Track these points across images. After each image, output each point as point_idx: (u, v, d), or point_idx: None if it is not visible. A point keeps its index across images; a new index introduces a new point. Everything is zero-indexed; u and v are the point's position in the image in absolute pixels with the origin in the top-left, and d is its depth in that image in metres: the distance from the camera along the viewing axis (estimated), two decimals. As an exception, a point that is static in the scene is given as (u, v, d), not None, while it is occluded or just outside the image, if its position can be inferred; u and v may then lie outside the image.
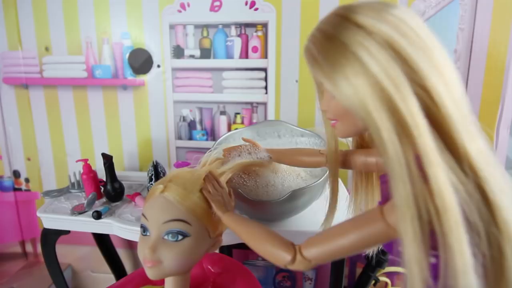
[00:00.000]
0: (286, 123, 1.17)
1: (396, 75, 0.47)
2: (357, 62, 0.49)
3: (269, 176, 1.01)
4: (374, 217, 0.56)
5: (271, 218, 1.06)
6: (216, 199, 0.73)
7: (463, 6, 1.24)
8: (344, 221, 0.60)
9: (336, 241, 0.58)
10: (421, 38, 0.50)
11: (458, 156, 0.49)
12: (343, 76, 0.50)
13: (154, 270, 0.67)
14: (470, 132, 0.50)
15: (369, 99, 0.48)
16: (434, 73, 0.48)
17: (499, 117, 1.29)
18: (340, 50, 0.50)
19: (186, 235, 0.68)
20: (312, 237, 0.63)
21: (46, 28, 1.49)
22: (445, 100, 0.48)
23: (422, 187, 0.47)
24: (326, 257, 0.61)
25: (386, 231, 0.54)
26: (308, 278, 1.57)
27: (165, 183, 0.72)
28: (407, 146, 0.47)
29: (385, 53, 0.48)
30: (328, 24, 0.53)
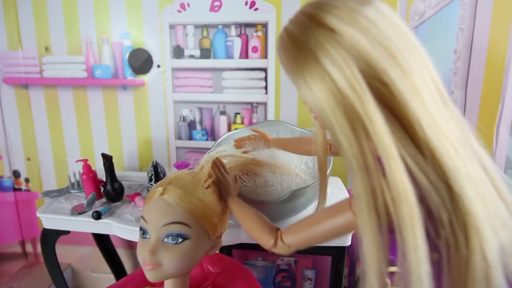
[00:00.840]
0: (286, 123, 1.17)
1: (353, 74, 0.48)
2: (315, 64, 0.50)
3: (268, 176, 1.02)
4: (343, 208, 0.59)
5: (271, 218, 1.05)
6: (221, 182, 0.81)
7: (463, 6, 1.24)
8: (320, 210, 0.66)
9: (311, 229, 0.64)
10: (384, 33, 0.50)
11: (421, 148, 0.49)
12: (302, 79, 0.51)
13: (154, 273, 0.67)
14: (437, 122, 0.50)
15: (325, 101, 0.50)
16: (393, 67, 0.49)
17: (499, 116, 1.29)
18: (301, 52, 0.51)
19: (186, 238, 0.68)
20: (292, 225, 0.68)
21: (46, 28, 1.49)
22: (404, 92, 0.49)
23: (380, 180, 0.49)
24: (302, 243, 0.66)
25: (353, 221, 0.56)
26: (308, 278, 1.57)
27: (164, 185, 0.72)
28: (362, 141, 0.49)
29: (344, 53, 0.48)
30: (293, 24, 0.54)
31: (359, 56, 0.49)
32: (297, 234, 0.66)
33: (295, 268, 1.55)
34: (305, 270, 1.55)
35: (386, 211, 0.49)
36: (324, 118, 0.51)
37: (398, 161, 0.48)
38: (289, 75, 0.54)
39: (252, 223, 0.75)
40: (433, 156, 0.49)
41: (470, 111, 1.30)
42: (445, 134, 0.50)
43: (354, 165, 0.50)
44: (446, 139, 0.50)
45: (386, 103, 0.49)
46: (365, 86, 0.48)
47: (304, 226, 0.65)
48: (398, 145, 0.49)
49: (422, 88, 0.50)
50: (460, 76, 1.29)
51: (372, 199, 0.49)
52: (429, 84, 0.52)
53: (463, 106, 1.31)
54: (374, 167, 0.49)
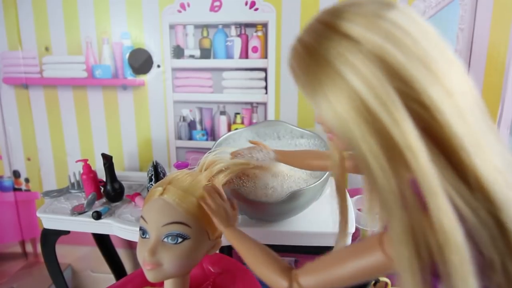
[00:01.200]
0: (286, 123, 1.16)
1: (385, 93, 0.41)
2: (338, 80, 0.43)
3: (269, 178, 1.01)
4: (372, 247, 0.51)
5: (271, 219, 1.06)
6: (217, 213, 0.71)
7: (463, 6, 1.24)
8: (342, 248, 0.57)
9: (333, 270, 0.55)
10: (420, 44, 0.43)
11: (467, 179, 0.42)
12: (323, 95, 0.44)
13: (154, 273, 0.67)
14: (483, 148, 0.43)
15: (352, 123, 0.43)
16: (434, 84, 0.42)
17: (499, 117, 1.29)
18: (320, 66, 0.44)
19: (186, 238, 0.68)
20: (309, 264, 0.60)
21: (46, 28, 1.49)
22: (448, 116, 0.42)
23: (421, 219, 0.42)
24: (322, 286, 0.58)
25: (385, 263, 0.50)
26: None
27: (164, 185, 0.72)
28: (401, 173, 0.42)
29: (373, 67, 0.42)
30: (309, 34, 0.47)
31: (391, 71, 0.42)
32: (317, 276, 0.57)
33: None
34: (305, 270, 1.55)
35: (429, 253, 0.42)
36: (353, 145, 0.44)
37: (444, 198, 0.41)
38: (306, 91, 0.47)
39: (260, 261, 0.65)
40: (481, 188, 0.42)
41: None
42: (493, 162, 0.44)
43: (391, 202, 0.42)
44: (494, 168, 0.43)
45: (425, 128, 0.42)
46: (402, 108, 0.41)
47: (324, 266, 0.56)
48: (442, 178, 0.42)
49: (465, 108, 0.43)
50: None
51: (413, 242, 0.42)
52: (470, 102, 0.45)
53: (463, 106, 1.31)
54: (414, 204, 0.42)
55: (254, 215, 1.06)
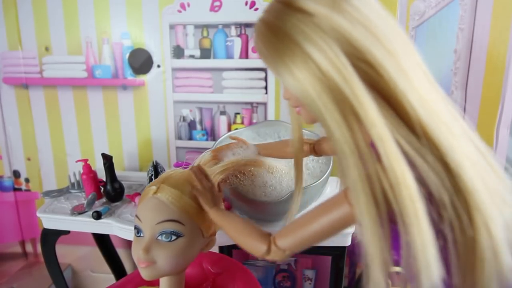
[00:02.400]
0: (286, 123, 1.17)
1: (335, 55, 0.47)
2: (297, 49, 0.48)
3: (266, 176, 1.01)
4: (338, 201, 0.56)
5: (270, 219, 1.06)
6: (203, 194, 0.73)
7: (463, 6, 1.24)
8: (313, 207, 0.60)
9: (307, 228, 0.59)
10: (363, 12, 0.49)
11: (414, 128, 0.47)
12: (284, 66, 0.49)
13: (148, 271, 0.68)
14: (426, 102, 0.49)
15: (311, 87, 0.48)
16: (377, 45, 0.47)
17: (499, 117, 1.29)
18: (280, 39, 0.49)
19: (179, 235, 0.69)
20: (284, 227, 0.64)
21: (46, 28, 1.49)
22: (391, 71, 0.47)
23: (375, 167, 0.47)
24: (299, 245, 0.61)
25: (351, 213, 0.53)
26: (308, 278, 1.57)
27: (158, 184, 0.73)
28: (354, 126, 0.47)
29: (323, 34, 0.47)
30: (269, 13, 0.52)
31: (340, 37, 0.47)
32: (292, 235, 0.61)
33: (295, 268, 1.55)
34: (305, 270, 1.55)
35: (385, 198, 0.47)
36: (311, 105, 0.49)
37: (393, 144, 0.46)
38: (270, 64, 0.52)
39: (240, 231, 0.69)
40: (427, 135, 0.47)
41: (470, 111, 1.30)
42: (437, 113, 0.49)
43: (347, 151, 0.47)
44: (438, 118, 0.49)
45: (373, 85, 0.47)
46: (351, 68, 0.47)
47: (298, 226, 0.61)
48: (391, 128, 0.47)
49: (408, 68, 0.49)
50: (460, 76, 1.29)
51: (369, 186, 0.47)
52: (414, 65, 0.50)
53: (463, 106, 1.31)
54: (368, 153, 0.47)
55: (254, 215, 1.06)
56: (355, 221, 0.53)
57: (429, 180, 0.46)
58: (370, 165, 0.47)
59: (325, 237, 0.59)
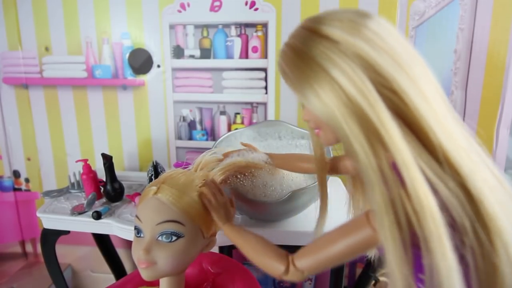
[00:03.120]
0: (286, 123, 1.16)
1: (361, 82, 0.48)
2: (323, 74, 0.50)
3: (266, 177, 1.01)
4: (360, 224, 0.56)
5: (271, 219, 1.06)
6: (216, 209, 0.73)
7: (463, 6, 1.24)
8: (333, 229, 0.60)
9: (326, 250, 0.59)
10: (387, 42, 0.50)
11: (435, 154, 0.49)
12: (310, 89, 0.51)
13: (148, 271, 0.68)
14: (447, 128, 0.50)
15: (337, 110, 0.49)
16: (401, 74, 0.49)
17: (499, 117, 1.29)
18: (307, 63, 0.51)
19: (180, 236, 0.69)
20: (303, 248, 0.63)
21: (46, 28, 1.49)
22: (414, 98, 0.49)
23: (399, 192, 0.47)
24: (318, 267, 0.61)
25: (373, 237, 0.54)
26: (308, 279, 1.57)
27: (158, 184, 0.72)
28: (379, 151, 0.48)
29: (350, 61, 0.49)
30: (295, 38, 0.54)
31: (365, 64, 0.49)
32: (312, 257, 0.60)
33: (295, 268, 1.55)
34: (305, 270, 1.55)
35: (408, 222, 0.47)
36: (338, 128, 0.50)
37: (417, 170, 0.47)
38: (295, 87, 0.53)
39: (258, 250, 0.68)
40: (449, 162, 0.48)
41: (470, 111, 1.30)
42: (456, 139, 0.50)
43: (372, 176, 0.48)
44: (458, 144, 0.50)
45: (396, 111, 0.49)
46: (376, 94, 0.48)
47: (318, 247, 0.60)
48: (414, 154, 0.48)
49: (430, 95, 0.50)
50: (460, 76, 1.29)
51: (393, 212, 0.48)
52: (434, 92, 0.52)
53: (463, 106, 1.31)
54: (392, 178, 0.48)
55: (254, 215, 1.06)
56: (376, 245, 0.54)
57: (451, 206, 0.47)
58: (394, 189, 0.48)
59: (345, 259, 0.58)
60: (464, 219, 0.47)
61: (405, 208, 0.47)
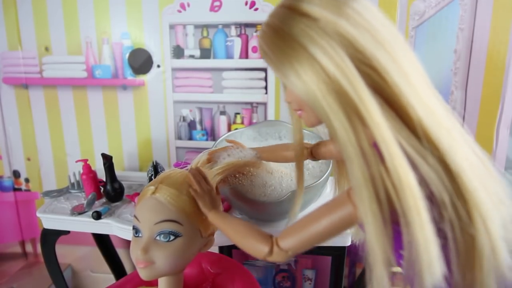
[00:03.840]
0: (286, 123, 1.16)
1: (340, 58, 0.48)
2: (302, 52, 0.49)
3: (266, 176, 1.01)
4: (341, 201, 0.56)
5: (271, 219, 1.05)
6: (202, 196, 0.73)
7: (463, 6, 1.23)
8: (315, 208, 0.60)
9: (310, 228, 0.59)
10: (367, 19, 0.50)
11: (415, 130, 0.49)
12: (290, 68, 0.50)
13: (147, 271, 0.68)
14: (427, 105, 0.50)
15: (316, 88, 0.49)
16: (381, 51, 0.49)
17: (499, 117, 1.29)
18: (286, 42, 0.51)
19: (178, 235, 0.69)
20: (286, 228, 0.64)
21: (46, 28, 1.49)
22: (394, 75, 0.49)
23: (379, 167, 0.48)
24: (301, 246, 0.62)
25: (354, 213, 0.54)
26: (308, 278, 1.57)
27: (156, 184, 0.73)
28: (358, 127, 0.48)
29: (329, 39, 0.48)
30: (274, 17, 0.54)
31: (345, 42, 0.48)
32: (295, 236, 0.61)
33: (295, 268, 1.55)
34: (305, 270, 1.55)
35: (388, 198, 0.48)
36: (316, 106, 0.50)
37: (396, 146, 0.48)
38: (275, 67, 0.53)
39: (242, 234, 0.69)
40: (428, 138, 0.49)
41: (470, 111, 1.30)
42: (437, 117, 0.51)
43: (351, 152, 0.49)
44: (438, 122, 0.50)
45: (376, 88, 0.49)
46: (356, 71, 0.48)
47: (301, 226, 0.61)
48: (393, 130, 0.48)
49: (410, 73, 0.51)
50: (460, 76, 1.29)
51: (372, 187, 0.48)
52: (414, 71, 0.52)
53: (463, 106, 1.31)
54: (372, 154, 0.48)
55: (253, 215, 1.06)
56: (358, 221, 0.54)
57: (430, 181, 0.48)
58: (374, 165, 0.48)
59: (327, 238, 0.59)
60: (443, 193, 0.48)
61: (385, 184, 0.48)
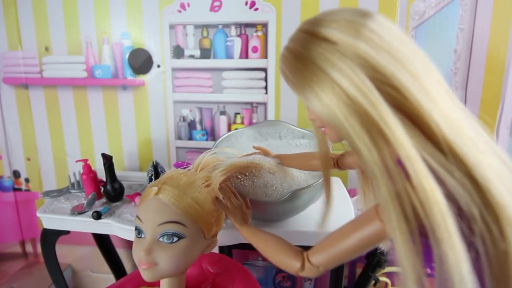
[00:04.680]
0: (286, 123, 1.16)
1: (360, 81, 0.49)
2: (322, 76, 0.50)
3: (267, 176, 1.01)
4: (370, 217, 0.57)
5: (272, 219, 1.05)
6: (233, 212, 0.76)
7: (463, 6, 1.24)
8: (345, 224, 0.61)
9: (339, 244, 0.60)
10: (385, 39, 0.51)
11: (440, 146, 0.49)
12: (311, 91, 0.52)
13: (150, 272, 0.67)
14: (450, 119, 0.50)
15: (338, 110, 0.50)
16: (401, 70, 0.50)
17: (499, 117, 1.29)
18: (306, 66, 0.52)
19: (181, 237, 0.68)
20: (317, 244, 0.65)
21: (46, 28, 1.49)
22: (415, 93, 0.49)
23: (405, 185, 0.48)
24: (332, 262, 0.63)
25: (383, 230, 0.55)
26: (308, 279, 1.57)
27: (159, 185, 0.72)
28: (382, 147, 0.49)
29: (349, 61, 0.49)
30: (294, 41, 0.55)
31: (365, 63, 0.49)
32: (325, 252, 0.63)
33: (295, 268, 1.55)
34: (305, 270, 1.55)
35: (415, 214, 0.48)
36: (340, 128, 0.51)
37: (420, 162, 0.48)
38: (297, 90, 0.54)
39: (273, 249, 0.71)
40: (454, 152, 0.49)
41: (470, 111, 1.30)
42: (461, 130, 0.51)
43: (377, 172, 0.49)
44: (463, 134, 0.50)
45: (398, 107, 0.49)
46: (376, 92, 0.49)
47: (331, 243, 0.62)
48: (418, 147, 0.49)
49: (431, 88, 0.51)
50: (460, 76, 1.29)
51: (399, 204, 0.49)
52: (436, 84, 0.52)
53: (463, 106, 1.31)
54: (396, 171, 0.49)
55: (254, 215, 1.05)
56: (387, 237, 0.54)
57: (458, 196, 0.48)
58: (399, 183, 0.48)
59: (358, 253, 0.60)
60: (472, 208, 0.47)
61: (411, 201, 0.48)
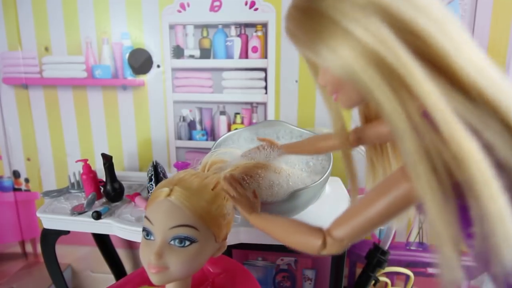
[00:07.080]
0: (285, 123, 1.17)
1: (377, 29, 0.45)
2: (334, 27, 0.47)
3: (273, 176, 1.01)
4: (396, 179, 0.52)
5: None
6: (240, 201, 0.72)
7: (463, 6, 1.24)
8: (367, 192, 0.56)
9: (364, 213, 0.55)
10: None
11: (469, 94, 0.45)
12: (324, 46, 0.48)
13: (160, 276, 0.65)
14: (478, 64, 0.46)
15: (355, 62, 0.46)
16: (421, 15, 0.46)
17: (499, 117, 1.29)
18: (316, 20, 0.48)
19: (193, 241, 0.66)
20: (338, 217, 0.59)
21: (46, 28, 1.49)
22: (438, 37, 0.45)
23: (433, 137, 0.43)
24: (357, 232, 0.57)
25: (411, 192, 0.49)
26: (308, 278, 1.57)
27: (170, 186, 0.69)
28: (405, 98, 0.44)
29: (363, 10, 0.45)
30: None
31: (380, 10, 0.45)
32: (349, 223, 0.56)
33: (295, 268, 1.55)
34: (305, 270, 1.55)
35: (447, 171, 0.43)
36: (357, 82, 0.46)
37: (451, 113, 0.43)
38: (307, 47, 0.50)
39: (289, 231, 0.65)
40: (485, 100, 0.44)
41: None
42: (489, 74, 0.46)
43: (401, 126, 0.44)
44: (492, 80, 0.46)
45: (420, 53, 0.45)
46: (395, 39, 0.45)
47: (354, 212, 0.56)
48: (445, 95, 0.44)
49: (453, 33, 0.47)
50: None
51: (428, 160, 0.44)
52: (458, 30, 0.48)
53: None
54: (423, 124, 0.44)
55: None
56: (415, 201, 0.50)
57: (495, 147, 0.43)
58: (427, 137, 0.44)
59: (384, 221, 0.54)
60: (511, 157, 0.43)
61: (442, 156, 0.43)
